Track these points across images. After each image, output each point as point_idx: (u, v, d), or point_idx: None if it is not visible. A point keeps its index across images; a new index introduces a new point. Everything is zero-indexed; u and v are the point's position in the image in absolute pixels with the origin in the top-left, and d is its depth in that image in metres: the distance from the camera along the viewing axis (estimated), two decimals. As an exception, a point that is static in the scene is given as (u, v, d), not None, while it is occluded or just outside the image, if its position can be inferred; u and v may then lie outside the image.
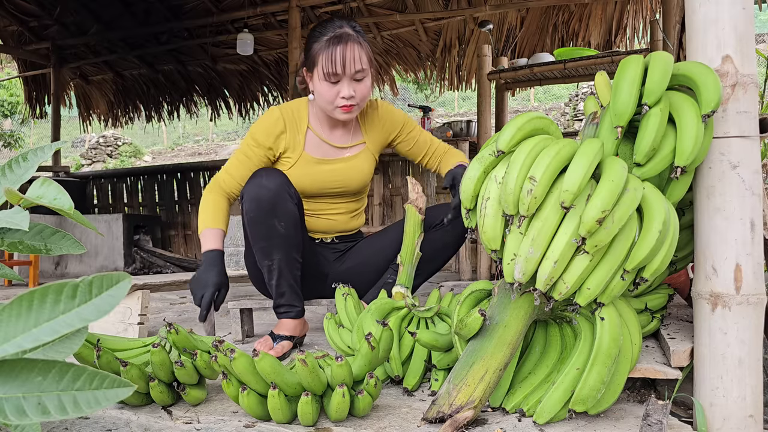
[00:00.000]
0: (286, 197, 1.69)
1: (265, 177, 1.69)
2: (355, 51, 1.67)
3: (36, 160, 0.85)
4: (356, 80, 1.70)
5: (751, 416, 1.03)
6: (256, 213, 1.67)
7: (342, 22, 1.72)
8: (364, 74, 1.70)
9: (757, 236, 1.04)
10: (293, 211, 1.70)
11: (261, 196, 1.66)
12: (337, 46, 1.65)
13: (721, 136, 1.06)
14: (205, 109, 6.90)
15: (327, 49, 1.66)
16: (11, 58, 7.16)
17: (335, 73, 1.66)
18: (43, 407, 0.54)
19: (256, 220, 1.68)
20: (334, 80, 1.68)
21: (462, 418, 1.05)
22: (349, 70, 1.67)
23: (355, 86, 1.70)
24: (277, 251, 1.69)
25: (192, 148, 21.38)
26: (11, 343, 0.54)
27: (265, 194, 1.66)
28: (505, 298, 1.19)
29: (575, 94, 15.18)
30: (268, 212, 1.66)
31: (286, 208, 1.68)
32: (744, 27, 1.05)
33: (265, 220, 1.67)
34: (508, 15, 4.95)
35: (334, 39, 1.67)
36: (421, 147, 1.95)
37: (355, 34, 1.70)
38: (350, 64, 1.67)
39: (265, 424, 1.14)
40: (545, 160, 1.06)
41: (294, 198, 1.73)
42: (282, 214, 1.67)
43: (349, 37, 1.68)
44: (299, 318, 1.78)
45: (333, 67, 1.66)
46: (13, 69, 8.11)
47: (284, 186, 1.69)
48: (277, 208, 1.67)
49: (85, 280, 0.56)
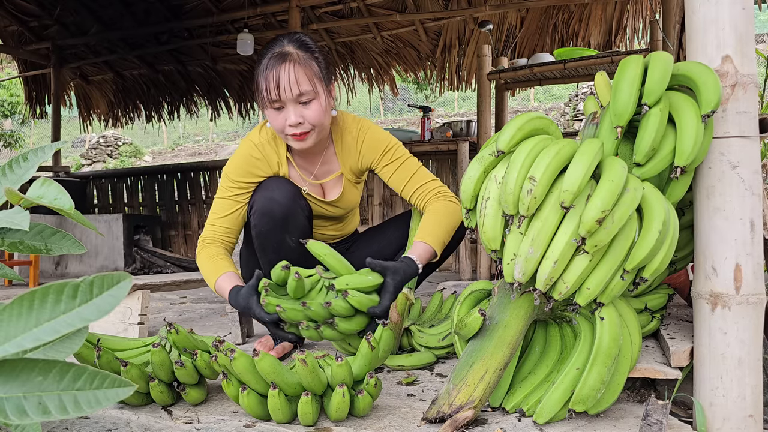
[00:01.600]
0: (299, 211, 1.63)
1: (277, 190, 1.61)
2: (292, 73, 1.50)
3: (36, 160, 0.85)
4: (302, 103, 1.53)
5: (750, 416, 1.03)
6: (268, 228, 1.61)
7: (286, 39, 1.56)
8: (309, 96, 1.53)
9: (757, 236, 1.04)
10: (305, 224, 1.66)
11: (273, 211, 1.59)
12: (273, 70, 1.50)
13: (721, 136, 1.06)
14: (205, 109, 6.89)
15: (264, 73, 1.52)
16: (11, 58, 7.17)
17: (273, 99, 1.52)
18: (44, 407, 0.54)
19: (267, 235, 1.62)
20: (277, 107, 1.54)
21: (462, 418, 1.05)
22: (287, 95, 1.51)
23: (301, 111, 1.53)
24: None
25: (192, 148, 21.39)
26: (12, 342, 0.54)
27: (277, 209, 1.59)
28: (505, 298, 1.19)
29: (575, 94, 15.18)
30: (281, 227, 1.60)
31: (297, 223, 1.63)
32: (744, 27, 1.05)
33: (276, 234, 1.61)
34: (508, 15, 4.95)
35: (271, 61, 1.52)
36: (402, 176, 1.70)
37: (297, 52, 1.53)
38: (287, 88, 1.50)
39: (265, 423, 1.14)
40: (545, 160, 1.06)
41: (305, 210, 1.67)
42: (294, 228, 1.62)
43: (286, 57, 1.51)
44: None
45: (269, 93, 1.51)
46: (14, 69, 8.12)
47: (296, 199, 1.63)
48: (290, 222, 1.61)
49: (86, 280, 0.56)
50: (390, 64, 5.78)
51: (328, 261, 1.49)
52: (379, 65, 5.78)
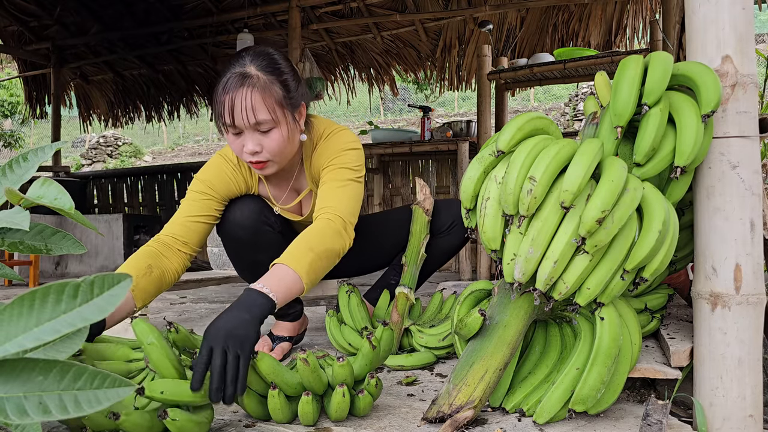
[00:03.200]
0: (266, 230, 1.55)
1: (239, 212, 1.52)
2: (249, 99, 1.32)
3: (36, 160, 0.85)
4: (261, 132, 1.37)
5: (750, 416, 1.03)
6: (238, 251, 1.58)
7: (248, 57, 1.38)
8: (268, 125, 1.36)
9: (757, 236, 1.04)
10: (276, 240, 1.57)
11: (239, 235, 1.53)
12: (229, 93, 1.33)
13: (721, 136, 1.06)
14: (205, 109, 6.89)
15: (220, 95, 1.35)
16: (11, 58, 7.17)
17: (228, 124, 1.36)
18: (44, 407, 0.54)
19: (240, 257, 1.60)
20: (233, 132, 1.37)
21: (462, 418, 1.05)
22: (241, 122, 1.34)
23: (260, 139, 1.37)
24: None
25: (192, 148, 21.39)
26: (12, 342, 0.54)
27: (242, 233, 1.53)
28: (504, 298, 1.19)
29: (575, 94, 15.18)
30: (250, 249, 1.56)
31: (267, 241, 1.56)
32: (744, 27, 1.05)
33: (247, 255, 1.59)
34: (508, 15, 4.95)
35: (230, 81, 1.34)
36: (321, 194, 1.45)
37: (258, 74, 1.35)
38: (243, 116, 1.33)
39: (265, 424, 1.14)
40: (545, 160, 1.06)
41: (276, 226, 1.58)
42: (265, 247, 1.56)
43: (245, 81, 1.33)
44: (297, 320, 1.78)
45: (223, 117, 1.35)
46: (13, 69, 8.13)
47: (263, 218, 1.54)
48: (258, 243, 1.55)
49: (87, 280, 0.56)
50: (390, 64, 5.78)
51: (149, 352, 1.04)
52: (379, 65, 5.78)
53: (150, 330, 1.03)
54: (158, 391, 0.98)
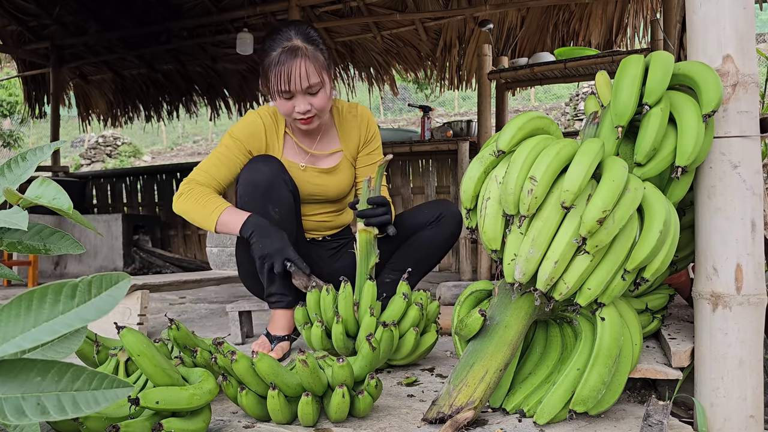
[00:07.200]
0: (282, 183, 1.69)
1: (262, 161, 1.69)
2: (303, 67, 1.62)
3: (35, 160, 0.85)
4: (310, 94, 1.66)
5: (751, 417, 1.03)
6: (251, 197, 1.66)
7: (291, 31, 1.66)
8: (317, 87, 1.66)
9: (758, 236, 1.04)
10: (288, 197, 1.70)
11: (257, 181, 1.65)
12: (284, 65, 1.61)
13: (722, 135, 1.06)
14: (205, 108, 6.89)
15: (275, 67, 1.63)
16: (10, 57, 7.15)
17: (284, 91, 1.64)
18: (42, 407, 0.54)
19: (250, 204, 1.67)
20: (287, 96, 1.66)
21: (462, 419, 1.04)
22: (297, 87, 1.63)
23: (310, 99, 1.67)
24: None
25: (191, 147, 21.38)
26: (10, 343, 0.54)
27: (260, 179, 1.65)
28: (505, 298, 1.18)
29: (576, 94, 15.18)
30: (263, 197, 1.66)
31: (281, 194, 1.68)
32: (745, 26, 1.04)
33: (259, 204, 1.66)
34: (509, 14, 4.95)
35: (282, 55, 1.62)
36: (364, 171, 1.88)
37: (305, 46, 1.64)
38: (298, 82, 1.62)
39: (265, 424, 1.14)
40: (546, 160, 1.06)
41: (289, 185, 1.72)
42: (277, 199, 1.67)
43: (296, 52, 1.62)
44: (291, 308, 1.77)
45: (281, 85, 1.63)
46: (13, 69, 8.11)
47: (280, 172, 1.69)
48: (272, 193, 1.66)
49: (85, 280, 0.56)
50: (390, 64, 5.78)
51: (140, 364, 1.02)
52: (379, 65, 5.77)
53: (138, 341, 1.00)
54: (153, 401, 0.96)
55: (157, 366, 1.01)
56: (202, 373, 1.06)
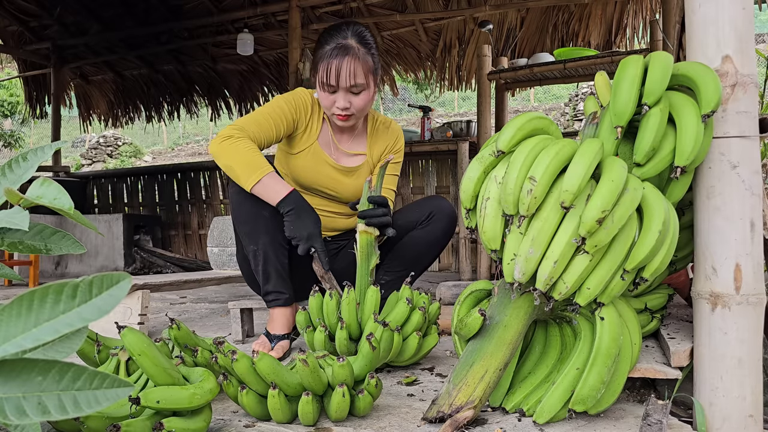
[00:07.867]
0: None
1: None
2: (352, 66, 1.67)
3: (36, 160, 0.85)
4: (353, 93, 1.71)
5: (750, 416, 1.03)
6: (243, 194, 1.66)
7: (349, 31, 1.71)
8: (361, 88, 1.71)
9: (757, 236, 1.04)
10: None
11: None
12: (335, 60, 1.66)
13: (721, 136, 1.06)
14: (205, 109, 6.89)
15: (326, 60, 1.68)
16: (11, 58, 7.16)
17: (330, 84, 1.68)
18: (43, 407, 0.54)
19: (241, 201, 1.67)
20: (330, 90, 1.70)
21: (462, 418, 1.05)
22: (343, 84, 1.68)
23: (351, 98, 1.71)
24: (263, 235, 1.68)
25: (192, 148, 21.38)
26: (11, 342, 0.54)
27: None
28: (505, 298, 1.19)
29: (575, 94, 15.18)
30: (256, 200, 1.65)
31: None
32: (744, 27, 1.05)
33: (250, 201, 1.66)
34: (508, 15, 4.95)
35: (335, 51, 1.67)
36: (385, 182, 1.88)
37: (358, 47, 1.69)
38: (345, 79, 1.67)
39: (265, 423, 1.14)
40: (545, 160, 1.06)
41: None
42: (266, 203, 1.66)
43: (348, 51, 1.67)
44: (289, 306, 1.76)
45: (327, 79, 1.68)
46: (14, 69, 8.12)
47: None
48: None
49: (86, 280, 0.56)
50: (390, 64, 5.78)
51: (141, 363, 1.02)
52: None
53: (139, 340, 1.01)
54: (154, 401, 0.96)
55: (157, 365, 1.01)
56: (203, 373, 1.07)
